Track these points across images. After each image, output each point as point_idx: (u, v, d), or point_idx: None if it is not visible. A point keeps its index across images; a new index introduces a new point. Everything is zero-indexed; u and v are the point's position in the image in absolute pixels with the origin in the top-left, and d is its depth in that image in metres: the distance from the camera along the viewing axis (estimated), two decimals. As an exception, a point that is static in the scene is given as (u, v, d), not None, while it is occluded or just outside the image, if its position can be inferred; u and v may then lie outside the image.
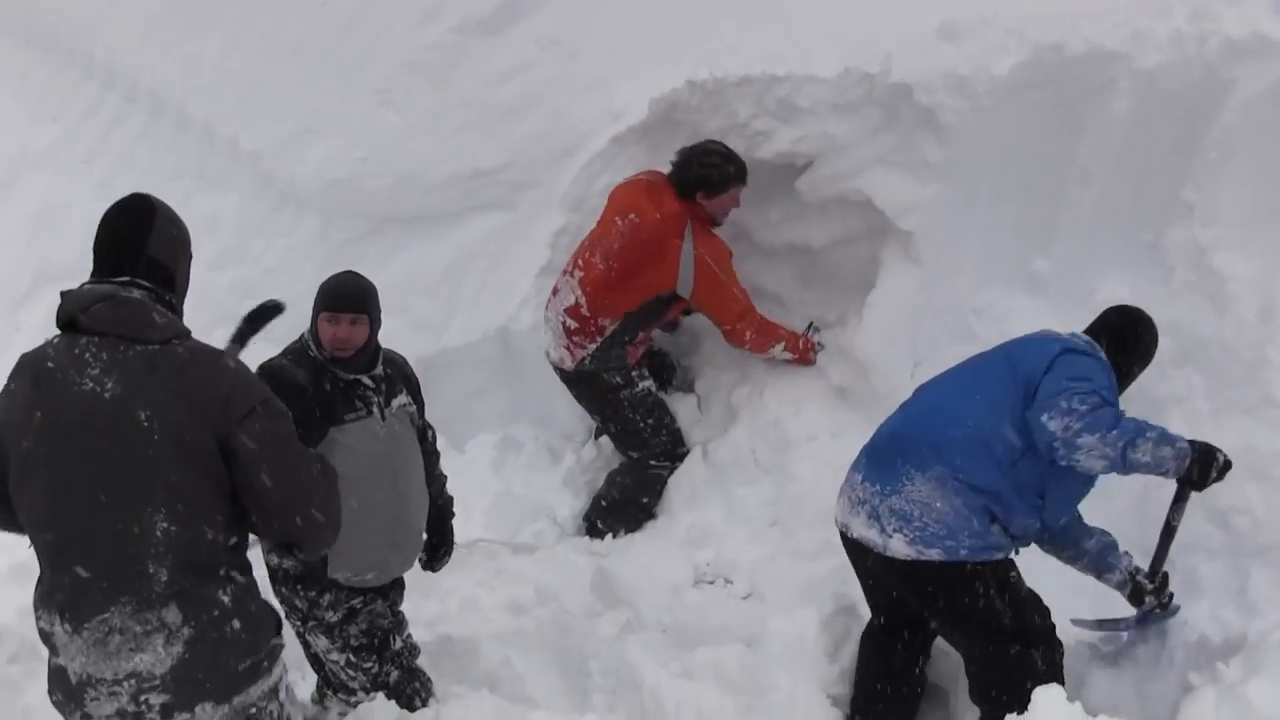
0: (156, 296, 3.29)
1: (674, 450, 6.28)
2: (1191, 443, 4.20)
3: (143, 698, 3.21)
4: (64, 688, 3.29)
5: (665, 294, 5.90)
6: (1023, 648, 4.36)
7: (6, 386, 3.32)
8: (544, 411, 6.51)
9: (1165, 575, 4.68)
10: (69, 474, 3.17)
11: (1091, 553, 4.67)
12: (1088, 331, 4.60)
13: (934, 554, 4.32)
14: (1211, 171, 5.13)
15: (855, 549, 4.64)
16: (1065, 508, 4.53)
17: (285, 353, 4.37)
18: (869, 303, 5.99)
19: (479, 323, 6.87)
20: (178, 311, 3.37)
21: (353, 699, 4.53)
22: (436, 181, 7.15)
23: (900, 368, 5.82)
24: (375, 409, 4.41)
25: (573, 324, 6.00)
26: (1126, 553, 4.70)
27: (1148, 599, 4.67)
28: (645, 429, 6.21)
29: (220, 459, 3.19)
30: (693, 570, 5.86)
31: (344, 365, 4.36)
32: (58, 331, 3.30)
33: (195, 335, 3.34)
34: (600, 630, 5.57)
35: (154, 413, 3.13)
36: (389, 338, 7.12)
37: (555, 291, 6.14)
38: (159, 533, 3.15)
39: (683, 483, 6.30)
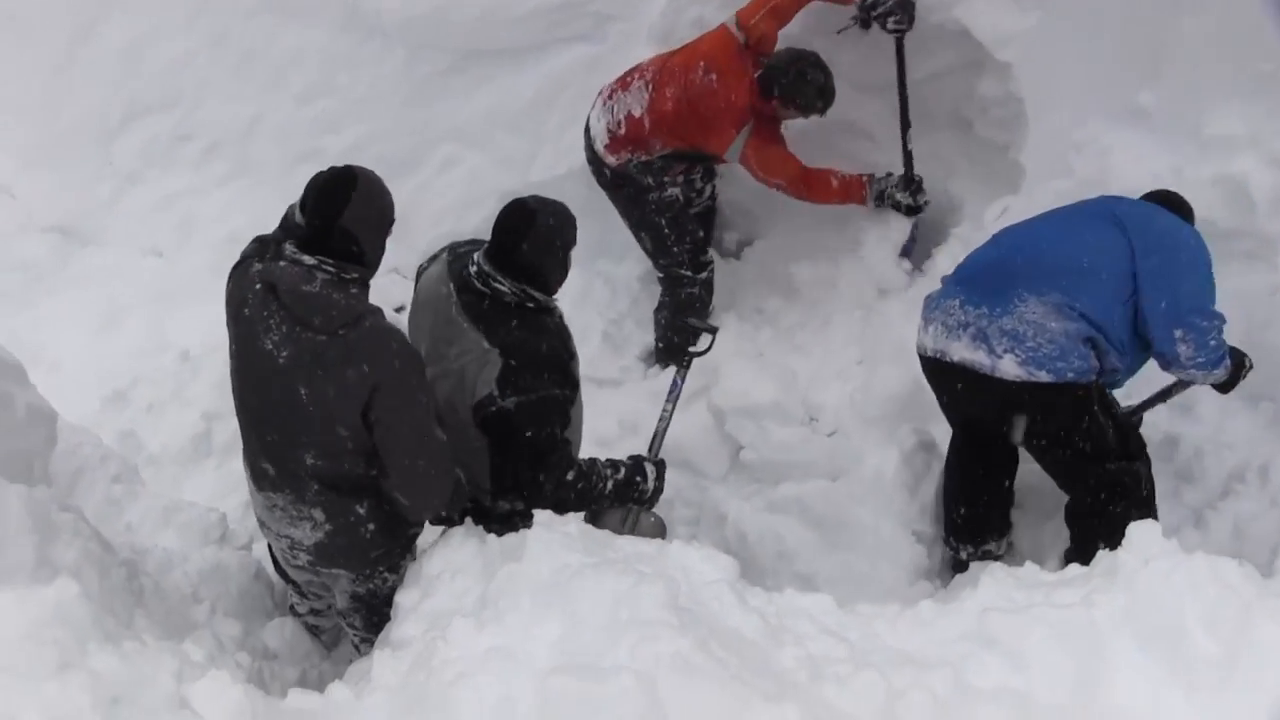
0: (338, 278, 3.67)
1: (697, 259, 6.21)
2: (1231, 352, 4.46)
3: (295, 552, 4.09)
4: (255, 515, 4.20)
5: (725, 159, 5.90)
6: (1126, 462, 4.48)
7: (232, 277, 3.89)
8: (628, 246, 6.46)
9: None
10: (250, 401, 3.87)
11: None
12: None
13: (1044, 375, 4.36)
14: (1336, -3, 4.87)
15: (951, 373, 4.62)
16: (1142, 361, 4.62)
17: (527, 329, 4.19)
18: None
19: (564, 158, 6.82)
20: (365, 278, 3.76)
21: None
22: (522, 13, 7.01)
23: (992, 206, 5.69)
24: None
25: (628, 130, 5.96)
26: None
27: None
28: (669, 235, 6.16)
29: (363, 426, 3.72)
30: (778, 408, 5.86)
31: None
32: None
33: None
34: (684, 464, 5.65)
35: (311, 391, 3.67)
36: (473, 170, 7.18)
37: (625, 86, 6.03)
38: (309, 462, 3.80)
39: (774, 320, 6.29)
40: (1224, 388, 4.61)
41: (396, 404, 3.71)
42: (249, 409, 3.91)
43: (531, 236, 4.08)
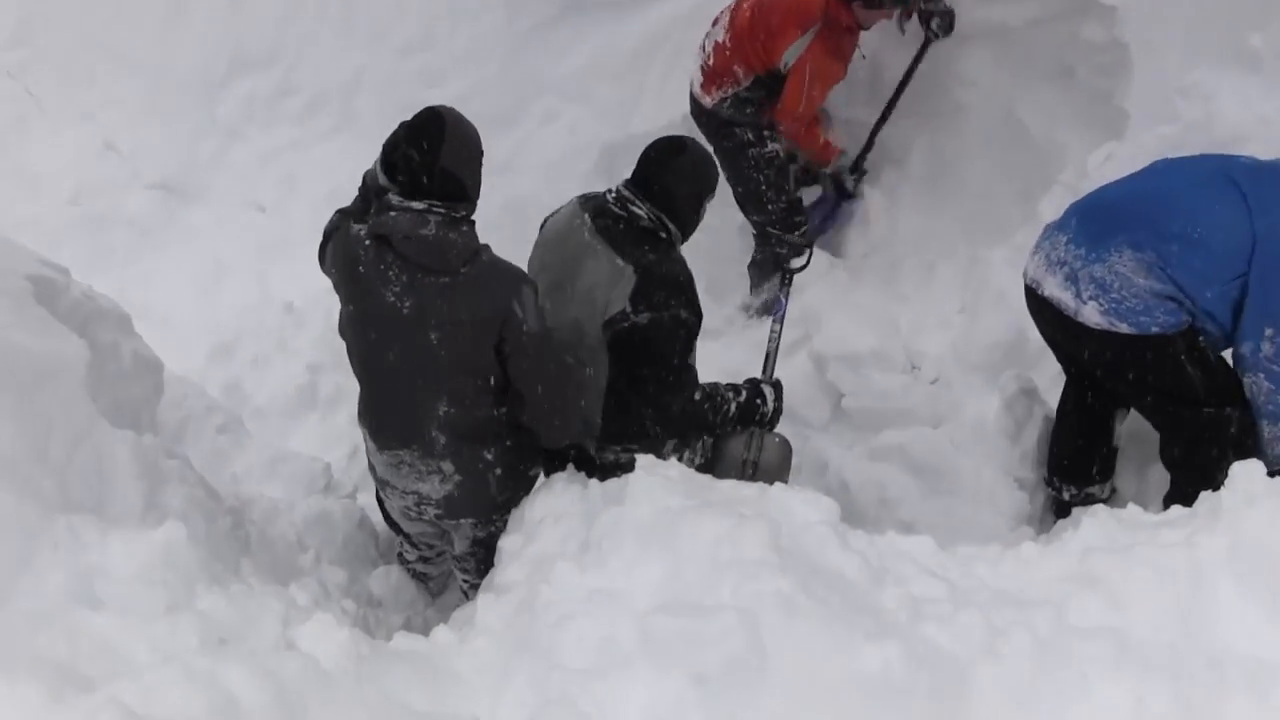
0: (450, 218, 3.74)
1: (790, 219, 6.26)
2: None
3: (421, 507, 4.17)
4: (375, 476, 4.29)
5: (776, 68, 5.89)
6: (1217, 408, 4.39)
7: (335, 241, 3.99)
8: (729, 194, 6.51)
9: None
10: (374, 359, 3.92)
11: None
12: None
13: (1124, 327, 4.31)
14: None
15: (1044, 306, 4.61)
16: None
17: (660, 254, 4.25)
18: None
19: (665, 110, 6.86)
20: (471, 212, 3.82)
21: None
22: (623, -35, 7.09)
23: (1095, 153, 5.64)
24: None
25: (715, 62, 6.04)
26: None
27: None
28: (766, 192, 6.21)
29: (496, 361, 3.82)
30: (879, 356, 5.90)
31: None
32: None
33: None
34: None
35: (442, 334, 3.76)
36: (574, 123, 7.25)
37: (715, 22, 6.13)
38: (440, 413, 3.89)
39: (877, 268, 6.31)
40: None
41: (529, 331, 3.80)
42: (374, 366, 3.97)
43: (676, 168, 4.21)
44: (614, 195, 4.21)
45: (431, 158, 3.71)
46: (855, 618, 3.08)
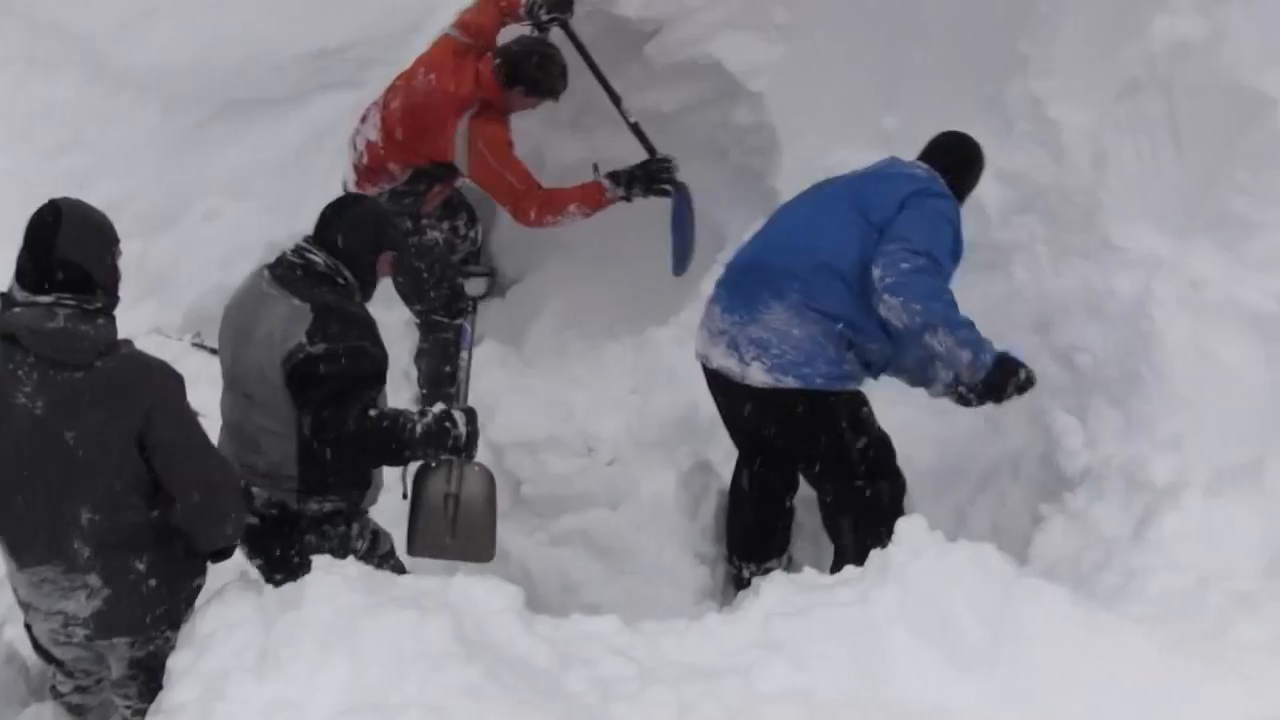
0: (81, 310, 3.50)
1: (454, 305, 6.20)
2: (998, 359, 4.33)
3: (69, 629, 3.80)
4: (18, 599, 3.91)
5: (447, 163, 5.87)
6: (867, 482, 4.57)
7: None
8: (392, 292, 6.43)
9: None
10: (8, 468, 3.59)
11: (912, 368, 4.75)
12: (922, 158, 4.81)
13: (790, 381, 4.46)
14: (1045, 26, 5.20)
15: (716, 380, 4.74)
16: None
17: (338, 296, 4.14)
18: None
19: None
20: (109, 306, 3.59)
21: None
22: (281, 62, 6.94)
23: (750, 229, 5.85)
24: None
25: (369, 160, 5.98)
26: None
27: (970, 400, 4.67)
28: (428, 280, 6.17)
29: (140, 458, 3.57)
30: (555, 441, 5.90)
31: None
32: None
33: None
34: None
35: (78, 432, 3.51)
36: (238, 221, 7.02)
37: (363, 119, 6.07)
38: (84, 521, 3.60)
39: (548, 353, 6.33)
40: (993, 395, 4.44)
41: (174, 423, 3.60)
42: (9, 476, 3.65)
43: (351, 219, 4.22)
44: (293, 248, 4.19)
45: (48, 248, 3.49)
46: (545, 704, 3.06)
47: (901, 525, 3.60)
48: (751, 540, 5.11)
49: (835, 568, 4.53)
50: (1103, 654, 3.24)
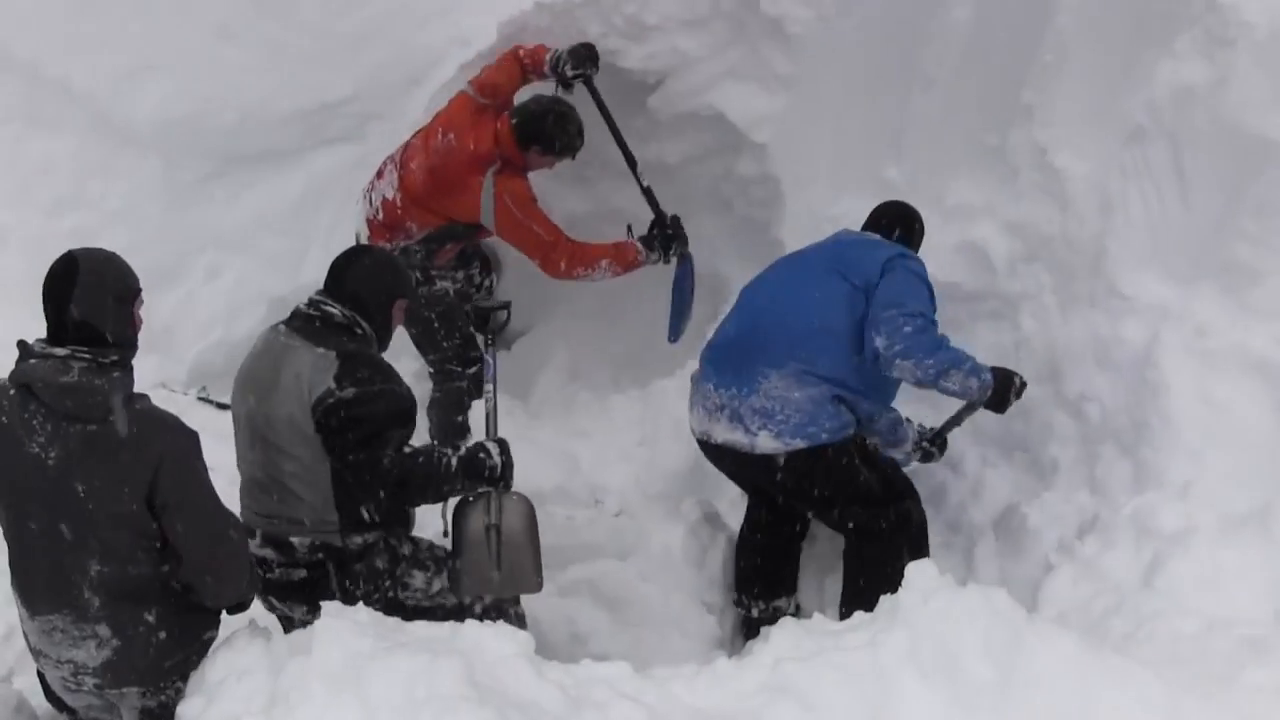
0: (96, 364, 3.51)
1: (466, 354, 6.21)
2: (993, 371, 4.64)
3: (79, 677, 3.77)
4: (29, 646, 3.89)
5: (470, 222, 5.88)
6: (895, 504, 4.71)
7: None
8: (404, 344, 6.44)
9: (944, 440, 5.12)
10: (19, 515, 3.63)
11: (884, 430, 4.91)
12: (869, 228, 5.04)
13: (799, 443, 4.58)
14: (1048, 74, 5.21)
15: (719, 454, 4.82)
16: (893, 394, 4.89)
17: (358, 344, 4.22)
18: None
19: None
20: (125, 358, 3.61)
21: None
22: (282, 117, 7.01)
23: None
24: None
25: (384, 218, 5.99)
26: (908, 419, 5.03)
27: (933, 455, 5.11)
28: (439, 329, 6.19)
29: (149, 513, 3.57)
30: (563, 492, 5.89)
31: None
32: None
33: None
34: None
35: (89, 485, 3.51)
36: (240, 276, 7.04)
37: (380, 175, 6.08)
38: (93, 573, 3.60)
39: (554, 405, 6.33)
40: (997, 406, 4.70)
41: (184, 480, 3.60)
42: (18, 526, 3.67)
43: (362, 269, 4.30)
44: (307, 301, 4.25)
45: (63, 305, 3.53)
46: (555, 747, 3.01)
47: (911, 570, 3.58)
48: (761, 577, 5.15)
49: (845, 601, 4.73)
50: (1113, 697, 3.21)
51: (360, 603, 3.92)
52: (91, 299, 3.55)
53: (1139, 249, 4.87)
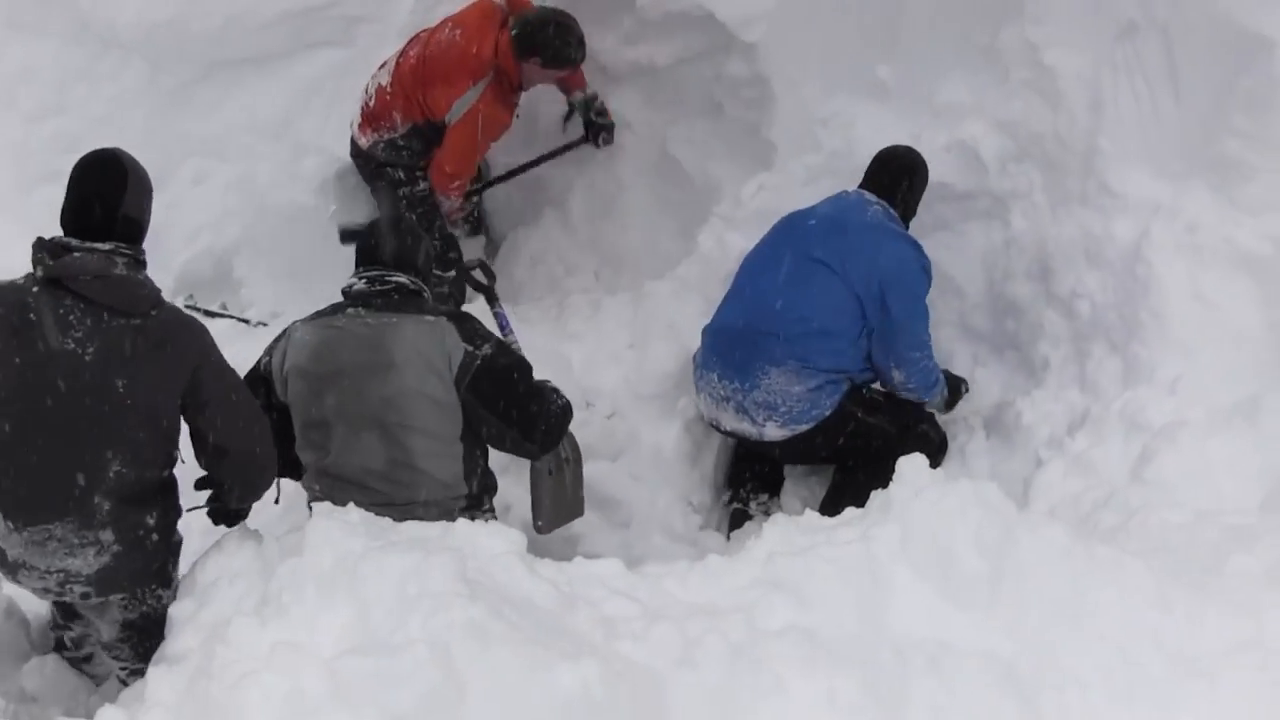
0: (135, 260, 3.60)
1: (445, 255, 6.19)
2: (949, 383, 5.08)
3: (67, 586, 3.76)
4: (4, 560, 3.77)
5: (438, 121, 5.88)
6: (909, 433, 4.89)
7: None
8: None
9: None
10: (34, 419, 3.55)
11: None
12: (870, 186, 5.07)
13: (805, 426, 4.84)
14: (1039, -32, 5.18)
15: (733, 436, 5.13)
16: None
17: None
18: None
19: (323, 164, 6.72)
20: (143, 261, 3.67)
21: None
22: (266, 20, 6.85)
23: (748, 184, 5.87)
24: None
25: (376, 104, 6.01)
26: None
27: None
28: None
29: (178, 413, 3.67)
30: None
31: None
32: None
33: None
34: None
35: (130, 381, 3.54)
36: (227, 182, 6.98)
37: (383, 65, 6.09)
38: (111, 474, 3.59)
39: (544, 309, 6.34)
40: (950, 407, 5.15)
41: (222, 374, 3.71)
42: (33, 428, 3.58)
43: (410, 239, 4.37)
44: (364, 280, 4.27)
45: (115, 204, 3.57)
46: (550, 640, 3.05)
47: (903, 465, 3.61)
48: (755, 473, 5.36)
49: (837, 500, 4.85)
50: (1102, 586, 3.26)
51: None
52: (139, 198, 3.65)
53: (1130, 146, 4.87)
